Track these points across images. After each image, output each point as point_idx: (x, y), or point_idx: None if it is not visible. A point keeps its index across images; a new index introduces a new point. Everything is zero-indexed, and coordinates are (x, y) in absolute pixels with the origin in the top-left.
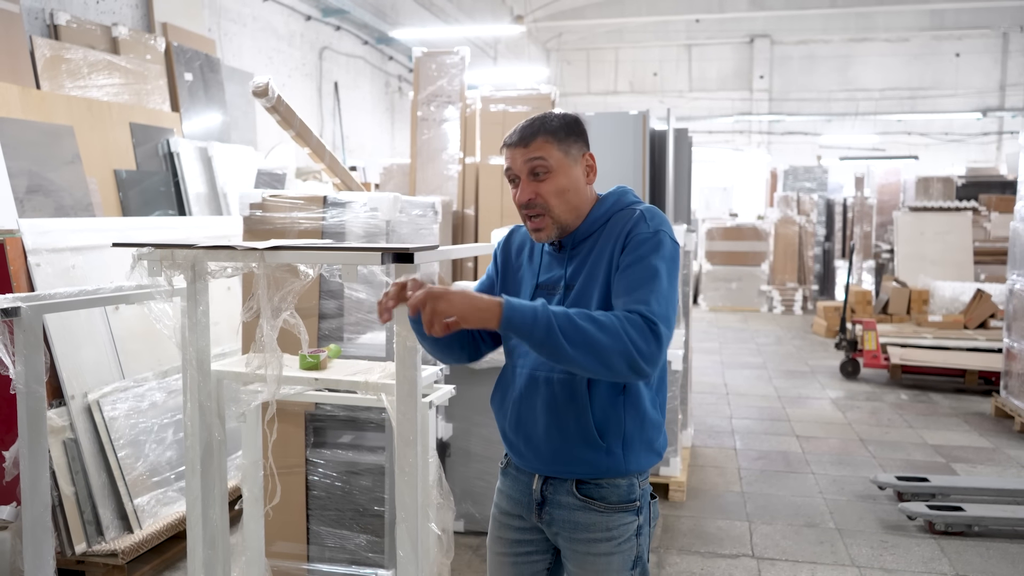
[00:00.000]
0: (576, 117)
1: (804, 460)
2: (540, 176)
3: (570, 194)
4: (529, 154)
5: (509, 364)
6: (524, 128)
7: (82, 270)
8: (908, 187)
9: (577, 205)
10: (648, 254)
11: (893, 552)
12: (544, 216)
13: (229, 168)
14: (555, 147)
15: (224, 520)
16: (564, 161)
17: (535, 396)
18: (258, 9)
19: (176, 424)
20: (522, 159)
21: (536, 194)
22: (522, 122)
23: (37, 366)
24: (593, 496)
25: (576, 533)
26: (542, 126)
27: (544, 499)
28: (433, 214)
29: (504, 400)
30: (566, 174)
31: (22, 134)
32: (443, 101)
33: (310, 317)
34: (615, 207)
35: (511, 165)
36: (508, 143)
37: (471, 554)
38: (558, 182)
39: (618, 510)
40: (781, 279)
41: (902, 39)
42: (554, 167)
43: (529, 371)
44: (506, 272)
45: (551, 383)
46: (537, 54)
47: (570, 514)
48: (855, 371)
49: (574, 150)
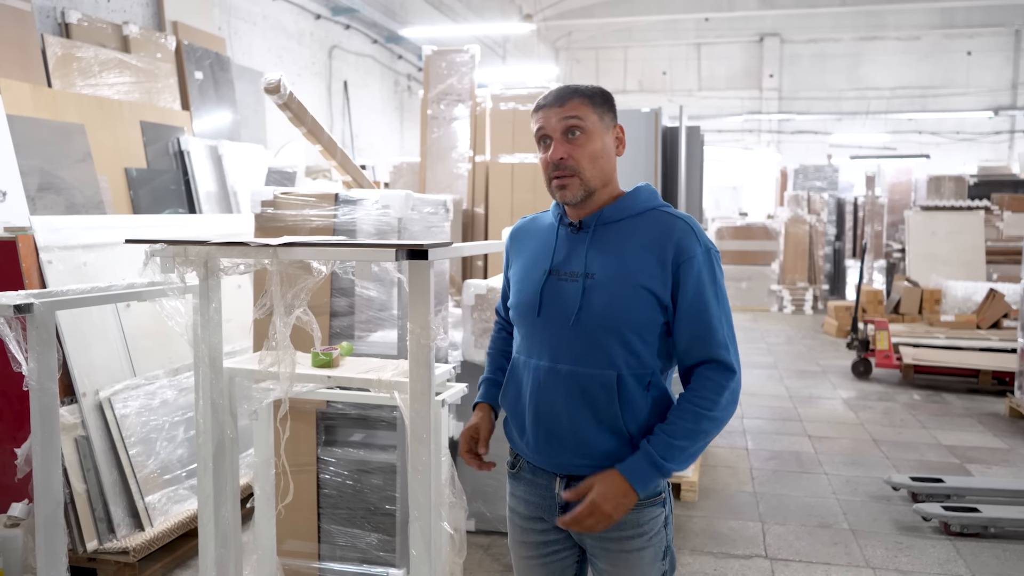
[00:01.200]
0: (605, 91)
1: (817, 460)
2: (574, 136)
3: (602, 160)
4: (564, 112)
5: (522, 356)
6: (560, 90)
7: (93, 267)
8: (919, 186)
9: (607, 173)
10: (709, 279)
11: (908, 553)
12: (574, 176)
13: (239, 166)
14: (590, 109)
15: (236, 518)
16: (598, 125)
17: (556, 389)
18: (268, 8)
19: (187, 422)
20: (557, 117)
21: (568, 154)
22: (554, 87)
23: (50, 363)
24: None
25: (607, 532)
26: (578, 89)
27: (569, 501)
28: (444, 212)
29: (518, 396)
30: (600, 138)
31: (34, 132)
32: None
33: (322, 315)
34: (649, 203)
35: (543, 124)
36: (541, 104)
37: (482, 553)
38: (592, 145)
39: (647, 504)
40: (791, 278)
41: (913, 37)
42: (589, 128)
43: (550, 364)
44: (513, 262)
45: (577, 376)
46: (546, 53)
47: None
48: (867, 371)
49: (607, 118)
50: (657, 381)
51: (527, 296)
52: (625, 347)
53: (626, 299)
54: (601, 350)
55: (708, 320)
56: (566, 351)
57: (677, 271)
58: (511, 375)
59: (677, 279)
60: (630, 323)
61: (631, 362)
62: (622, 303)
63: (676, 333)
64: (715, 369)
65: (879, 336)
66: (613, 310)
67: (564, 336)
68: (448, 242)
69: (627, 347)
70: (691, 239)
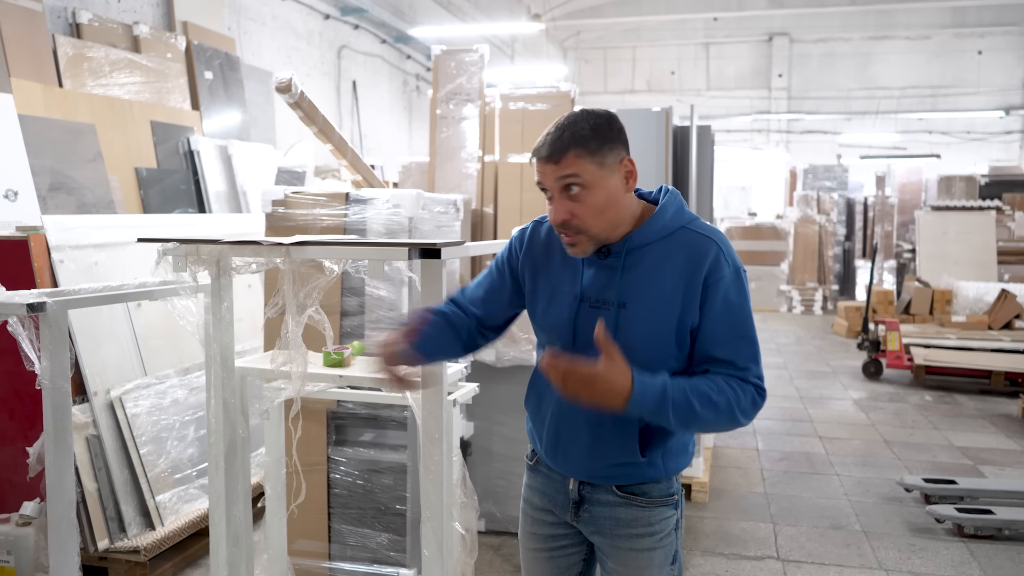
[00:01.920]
0: (609, 117)
1: (828, 461)
2: (574, 192)
3: (609, 211)
4: (560, 171)
5: None
6: (553, 141)
7: (105, 267)
8: (930, 186)
9: (617, 219)
10: (739, 299)
11: (921, 555)
12: (580, 234)
13: (249, 166)
14: (588, 160)
15: (247, 518)
16: (599, 174)
17: (578, 413)
18: (277, 8)
19: (197, 421)
20: (553, 176)
21: (571, 214)
22: (550, 129)
23: (62, 362)
24: (634, 492)
25: (618, 529)
26: (572, 138)
27: (582, 498)
28: (455, 211)
29: (540, 407)
30: (603, 188)
31: (45, 132)
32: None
33: (332, 314)
34: (677, 221)
35: (542, 179)
36: (537, 155)
37: (492, 553)
38: (595, 199)
39: (659, 504)
40: (801, 279)
41: (923, 36)
42: (589, 183)
43: None
44: (526, 269)
45: None
46: (554, 53)
47: (611, 510)
48: (878, 372)
49: (610, 159)
50: None
51: (560, 324)
52: None
53: (658, 332)
54: None
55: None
56: None
57: (706, 291)
58: (535, 382)
59: (704, 298)
60: (661, 356)
61: None
62: (654, 336)
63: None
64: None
65: (890, 337)
66: (645, 344)
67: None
68: (460, 241)
69: None
70: (721, 259)
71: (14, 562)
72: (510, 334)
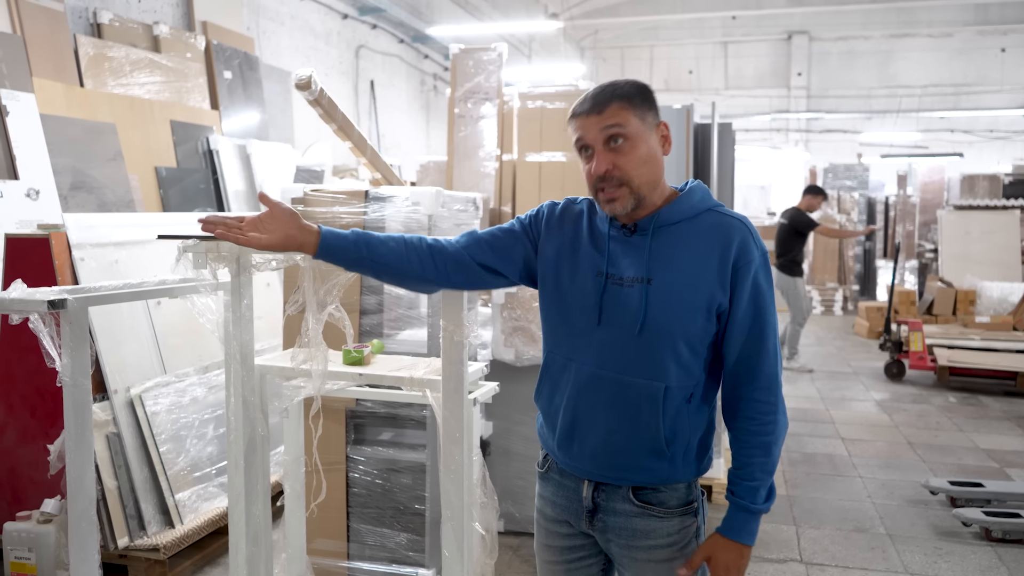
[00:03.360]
0: (646, 84)
1: (851, 463)
2: (617, 143)
3: (649, 165)
4: (604, 121)
5: (560, 356)
6: (597, 94)
7: (125, 265)
8: (952, 185)
9: (656, 176)
10: (766, 286)
11: (948, 560)
12: (623, 187)
13: (267, 165)
14: (631, 113)
15: (267, 516)
16: (641, 128)
17: (597, 397)
18: (296, 8)
19: (216, 419)
20: (596, 127)
21: (614, 165)
22: (591, 90)
23: (83, 359)
24: (652, 502)
25: (635, 540)
26: (615, 91)
27: (596, 506)
28: (474, 209)
29: (554, 397)
30: (645, 141)
31: (66, 131)
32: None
33: (352, 312)
34: (704, 204)
35: (582, 135)
36: (578, 111)
37: (511, 554)
38: (637, 151)
39: (678, 514)
40: (821, 279)
41: (945, 34)
42: (632, 134)
43: (592, 369)
44: (548, 243)
45: (621, 385)
46: (572, 52)
47: (627, 521)
48: (900, 373)
49: (649, 117)
50: (699, 394)
51: (585, 301)
52: (676, 358)
53: (686, 308)
54: (652, 360)
55: (762, 328)
56: (614, 358)
57: (736, 275)
58: (548, 373)
59: (735, 283)
60: (685, 333)
61: (679, 374)
62: (682, 312)
63: (728, 339)
64: (763, 390)
65: (913, 337)
66: (672, 319)
67: (618, 343)
68: None
69: (677, 358)
70: (750, 242)
71: (35, 559)
72: (529, 333)
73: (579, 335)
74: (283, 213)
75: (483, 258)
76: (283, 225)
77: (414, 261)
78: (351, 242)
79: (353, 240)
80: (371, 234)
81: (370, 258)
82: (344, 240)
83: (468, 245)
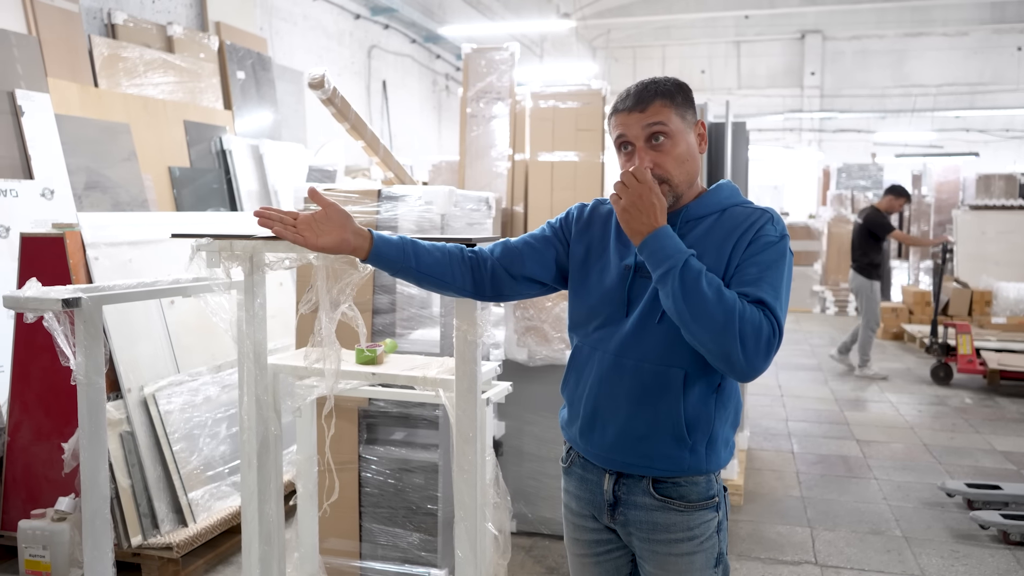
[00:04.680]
0: (685, 83)
1: (866, 465)
2: (659, 142)
3: (689, 163)
4: (647, 119)
5: (587, 347)
6: (640, 91)
7: (138, 264)
8: (968, 185)
9: (694, 174)
10: (776, 258)
11: (965, 563)
12: (663, 184)
13: (280, 166)
14: (673, 111)
15: (280, 516)
16: (681, 127)
17: (619, 383)
18: (308, 8)
19: (229, 419)
20: (639, 125)
21: (655, 163)
22: (632, 86)
23: (97, 357)
24: (672, 495)
25: (655, 534)
26: (658, 89)
27: (617, 500)
28: (487, 208)
29: (579, 385)
30: (684, 140)
31: (81, 131)
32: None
33: (364, 312)
34: (731, 200)
35: (624, 132)
36: (620, 108)
37: (524, 555)
38: (678, 150)
39: (698, 508)
40: (834, 279)
41: (960, 33)
42: (674, 132)
43: (615, 356)
44: (580, 244)
45: (641, 372)
46: (584, 52)
47: (648, 515)
48: (947, 376)
49: (689, 115)
50: (723, 383)
51: (612, 294)
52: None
53: None
54: (671, 347)
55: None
56: (636, 346)
57: (748, 246)
58: (574, 361)
59: (737, 249)
60: None
61: (699, 361)
62: None
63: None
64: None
65: (961, 340)
66: None
67: (640, 332)
68: (494, 236)
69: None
70: (770, 224)
71: (49, 557)
72: (542, 333)
73: (606, 326)
74: (338, 215)
75: (519, 269)
76: (338, 228)
77: (456, 274)
78: (401, 251)
79: (403, 249)
80: (419, 244)
81: (416, 269)
82: (395, 249)
83: (503, 257)
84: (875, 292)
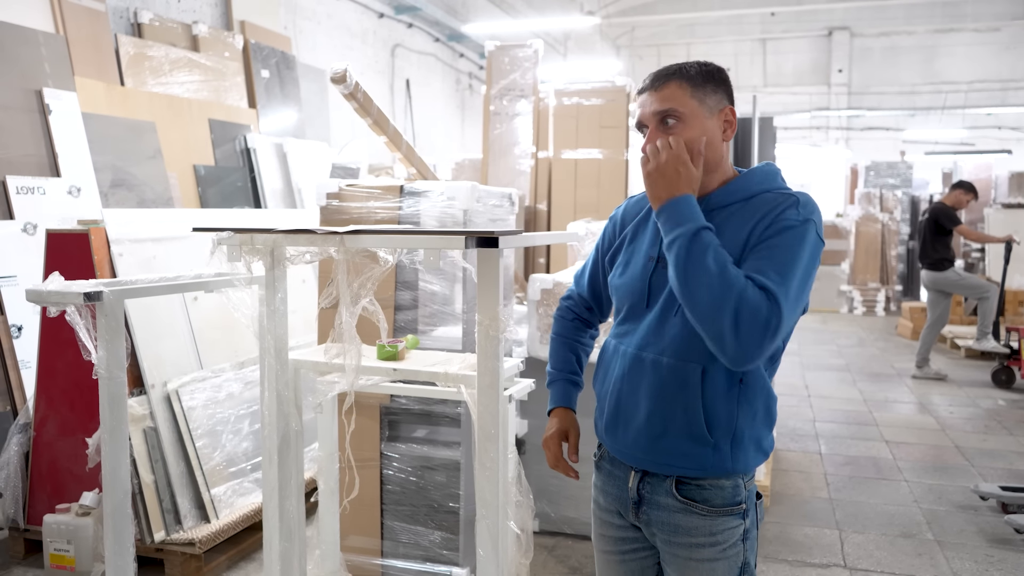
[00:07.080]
0: (719, 67)
1: (896, 467)
2: (669, 125)
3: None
4: (659, 99)
5: (613, 341)
6: (658, 71)
7: (162, 260)
8: (1000, 183)
9: (709, 161)
10: (792, 243)
11: (1000, 568)
12: None
13: (304, 164)
14: (689, 94)
15: (300, 512)
16: (698, 110)
17: (639, 379)
18: (332, 7)
19: (252, 415)
20: (651, 106)
21: None
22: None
23: (118, 351)
24: (695, 498)
25: (676, 537)
26: (677, 71)
27: (641, 498)
28: (510, 204)
29: (605, 380)
30: (699, 126)
31: (107, 130)
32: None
33: (386, 308)
34: (762, 185)
35: (642, 113)
36: (640, 89)
37: (547, 554)
38: (689, 133)
39: (722, 513)
40: (862, 279)
41: (992, 29)
42: (686, 115)
43: (635, 351)
44: (613, 242)
45: (659, 367)
46: (607, 50)
47: (670, 516)
48: (1010, 380)
49: (711, 100)
50: (748, 379)
51: (634, 285)
52: None
53: None
54: (689, 340)
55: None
56: (655, 341)
57: (765, 230)
58: (601, 358)
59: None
60: None
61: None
62: None
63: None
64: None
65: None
66: None
67: (659, 325)
68: (519, 230)
69: None
70: (793, 208)
71: (74, 551)
72: None
73: (630, 320)
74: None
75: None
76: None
77: (590, 341)
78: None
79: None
80: (569, 361)
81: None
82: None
83: (588, 289)
84: (958, 274)
